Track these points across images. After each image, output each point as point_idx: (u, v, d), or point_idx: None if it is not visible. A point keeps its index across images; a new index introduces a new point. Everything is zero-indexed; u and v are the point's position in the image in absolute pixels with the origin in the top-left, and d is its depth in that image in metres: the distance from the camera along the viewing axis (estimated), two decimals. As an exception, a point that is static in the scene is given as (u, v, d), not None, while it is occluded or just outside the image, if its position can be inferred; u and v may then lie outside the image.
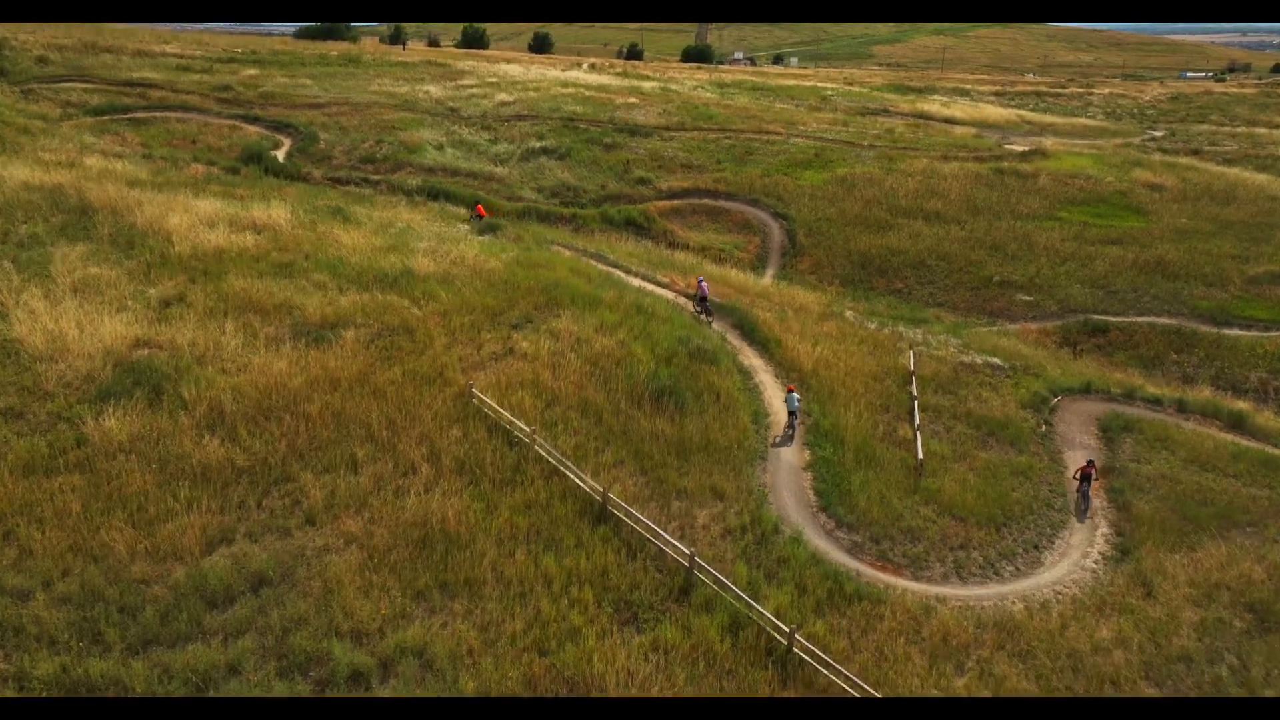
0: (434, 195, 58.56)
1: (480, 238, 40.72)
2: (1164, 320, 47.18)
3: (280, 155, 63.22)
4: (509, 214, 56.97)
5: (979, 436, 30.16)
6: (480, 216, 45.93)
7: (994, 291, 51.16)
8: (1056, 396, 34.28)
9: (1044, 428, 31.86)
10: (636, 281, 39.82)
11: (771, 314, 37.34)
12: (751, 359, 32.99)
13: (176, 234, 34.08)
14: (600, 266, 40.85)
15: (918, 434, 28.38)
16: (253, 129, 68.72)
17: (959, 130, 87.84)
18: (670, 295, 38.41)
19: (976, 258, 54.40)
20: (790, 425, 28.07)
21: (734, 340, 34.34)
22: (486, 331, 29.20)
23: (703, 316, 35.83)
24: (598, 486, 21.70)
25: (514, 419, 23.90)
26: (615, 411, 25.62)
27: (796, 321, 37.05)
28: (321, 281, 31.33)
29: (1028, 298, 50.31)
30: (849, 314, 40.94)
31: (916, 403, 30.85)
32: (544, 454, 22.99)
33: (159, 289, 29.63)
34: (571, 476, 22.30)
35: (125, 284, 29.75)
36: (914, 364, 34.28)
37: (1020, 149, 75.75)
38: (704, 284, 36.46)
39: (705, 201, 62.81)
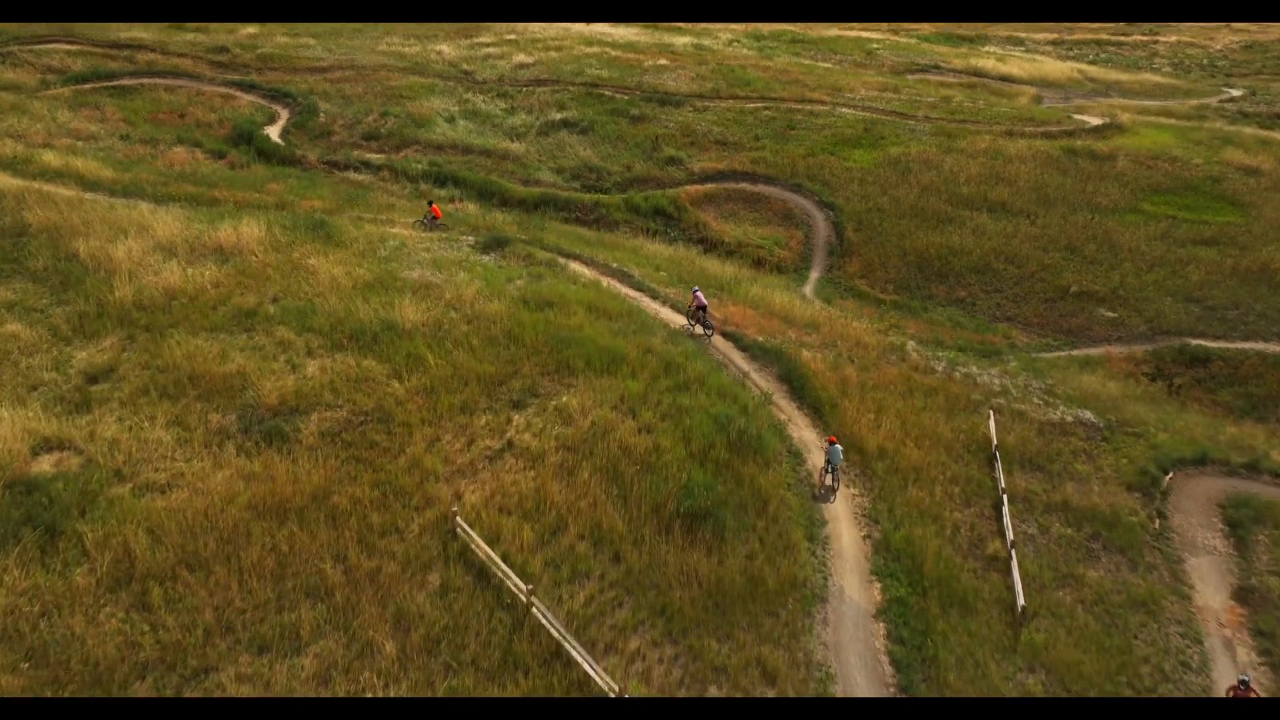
0: (441, 181, 52.82)
1: (483, 259, 34.98)
2: (1275, 348, 40.76)
3: (274, 132, 57.47)
4: (524, 203, 51.17)
5: (1082, 542, 24.65)
6: (435, 218, 40.08)
7: (1071, 305, 44.77)
8: (1168, 473, 28.54)
9: (1158, 523, 26.24)
10: (665, 311, 34.13)
11: (823, 359, 31.60)
12: (802, 430, 27.43)
13: (122, 270, 28.78)
14: (624, 291, 35.11)
15: (1013, 555, 22.85)
16: (247, 99, 62.87)
17: (1021, 99, 79.65)
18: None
19: (1050, 261, 47.83)
20: (830, 474, 25.17)
21: (781, 402, 28.74)
22: (481, 414, 23.80)
23: (698, 329, 32.52)
24: (614, 684, 16.49)
25: (508, 570, 18.65)
26: (636, 542, 20.29)
27: (853, 368, 31.32)
28: (286, 339, 25.97)
29: (1111, 314, 43.93)
30: (910, 348, 35.07)
31: (1006, 498, 25.28)
32: (544, 621, 17.81)
33: (87, 354, 24.47)
34: (580, 662, 17.10)
35: (48, 348, 24.62)
36: (995, 432, 28.63)
37: (1093, 121, 67.96)
38: (699, 294, 32.64)
39: (742, 186, 56.33)
